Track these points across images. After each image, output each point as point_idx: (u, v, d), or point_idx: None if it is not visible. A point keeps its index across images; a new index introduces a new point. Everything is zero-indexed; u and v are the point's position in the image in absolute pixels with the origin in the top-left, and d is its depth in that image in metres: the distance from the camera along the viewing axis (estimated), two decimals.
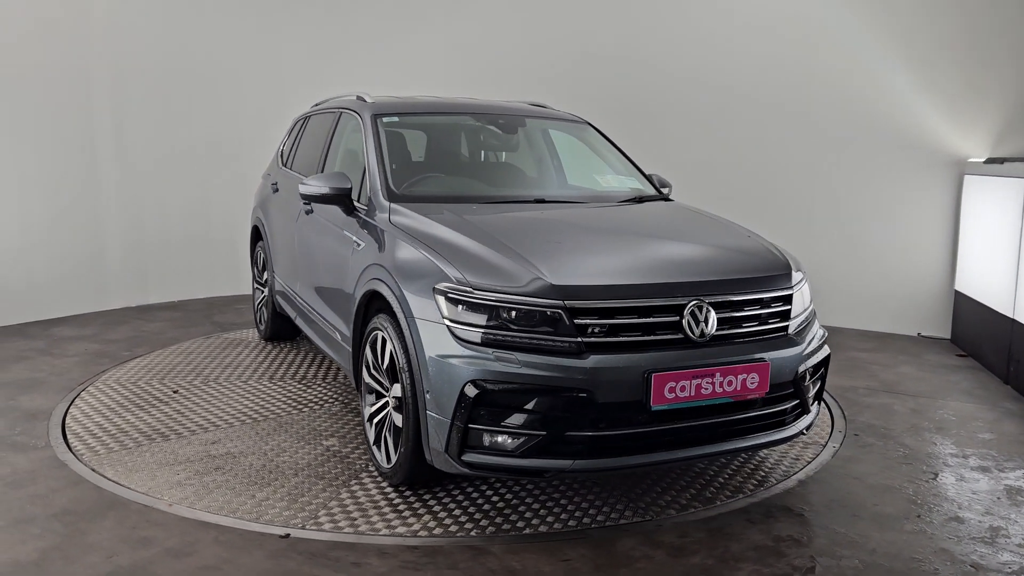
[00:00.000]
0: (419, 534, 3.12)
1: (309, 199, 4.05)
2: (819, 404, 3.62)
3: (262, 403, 4.60)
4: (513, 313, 3.00)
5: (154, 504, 3.31)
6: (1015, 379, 5.09)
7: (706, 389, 3.06)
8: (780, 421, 3.36)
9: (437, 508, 3.33)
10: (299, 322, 5.00)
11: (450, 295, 3.07)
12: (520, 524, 3.22)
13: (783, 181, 6.87)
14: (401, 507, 3.33)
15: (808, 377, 3.43)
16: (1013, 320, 5.12)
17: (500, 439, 2.98)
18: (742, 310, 3.25)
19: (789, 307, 3.40)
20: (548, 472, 3.01)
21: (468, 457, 3.01)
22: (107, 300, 6.97)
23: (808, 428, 3.51)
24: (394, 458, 3.40)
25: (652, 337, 3.07)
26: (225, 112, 7.51)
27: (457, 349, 3.00)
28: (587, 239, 3.66)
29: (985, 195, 5.81)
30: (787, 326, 3.37)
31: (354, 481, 3.57)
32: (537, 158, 4.87)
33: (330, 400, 4.63)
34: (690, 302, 3.12)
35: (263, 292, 5.83)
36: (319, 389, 4.83)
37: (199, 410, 4.49)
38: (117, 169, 6.96)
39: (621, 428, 3.00)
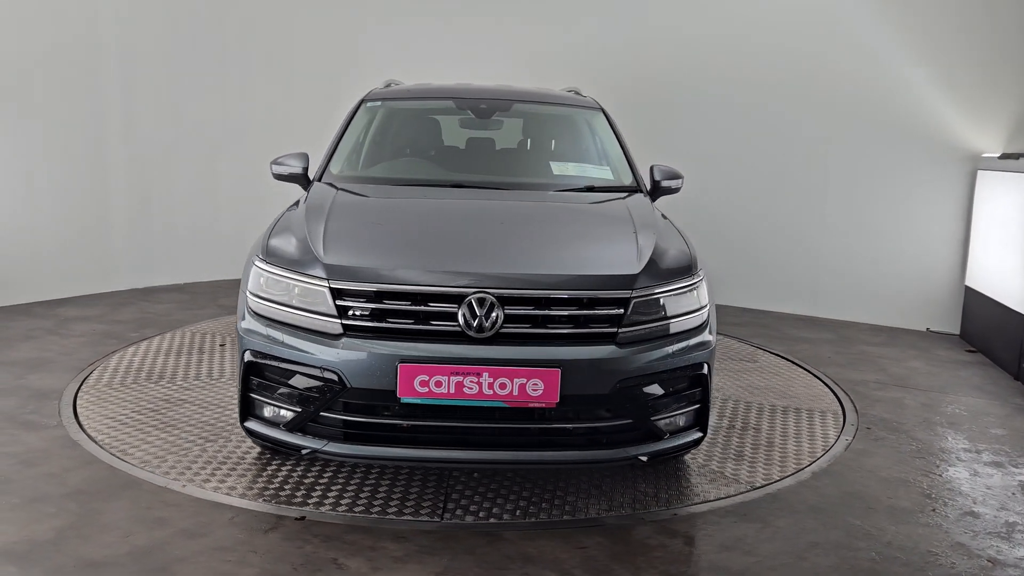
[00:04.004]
0: (431, 519, 3.11)
1: (275, 177, 4.20)
2: (701, 431, 3.21)
3: None
4: (296, 289, 3.06)
5: (168, 485, 3.30)
6: None
7: (470, 389, 2.83)
8: (602, 439, 3.04)
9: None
10: None
11: (255, 268, 3.22)
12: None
13: (794, 173, 6.84)
14: (241, 468, 3.37)
15: (654, 396, 3.06)
16: None
17: (272, 412, 3.08)
18: (548, 309, 2.96)
19: (621, 311, 3.01)
20: (304, 450, 3.02)
21: (249, 424, 3.15)
22: (112, 281, 6.93)
23: (652, 457, 3.08)
24: None
25: (426, 326, 2.93)
26: (233, 93, 7.46)
27: (250, 321, 3.15)
28: (423, 224, 3.55)
29: (999, 190, 5.79)
30: (615, 332, 3.00)
31: (245, 444, 3.71)
32: (520, 144, 4.82)
33: None
34: (471, 294, 2.93)
35: None
36: None
37: (216, 362, 4.78)
38: (124, 149, 6.91)
39: (372, 416, 2.96)
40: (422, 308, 2.94)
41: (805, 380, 5.06)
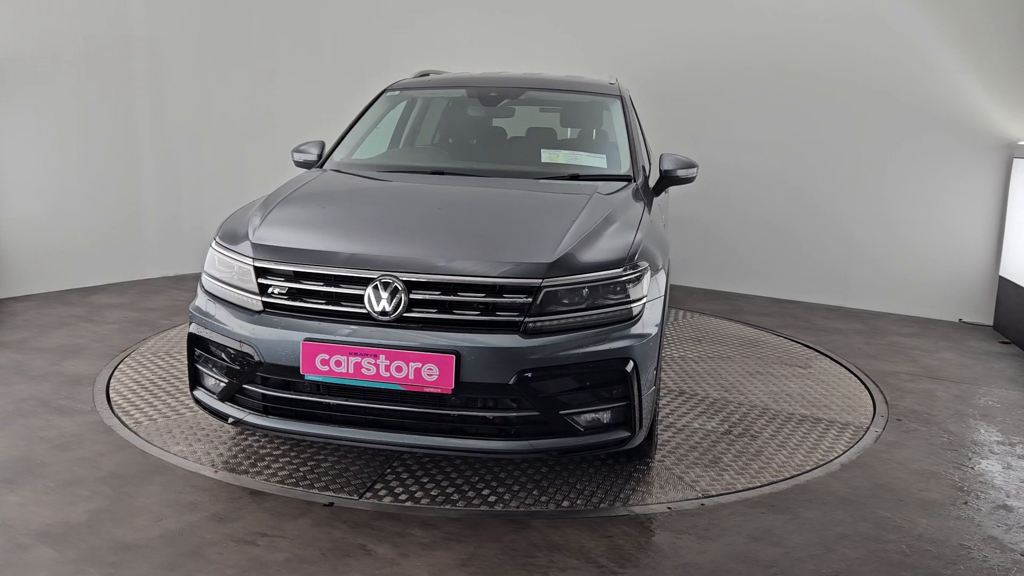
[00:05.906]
0: (459, 505, 3.13)
1: (295, 164, 4.34)
2: (627, 431, 3.04)
3: None
4: (234, 268, 3.20)
5: (199, 470, 3.35)
6: None
7: (368, 370, 2.87)
8: (510, 430, 2.96)
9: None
10: None
11: (211, 248, 3.37)
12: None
13: (825, 162, 6.75)
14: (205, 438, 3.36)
15: (565, 389, 2.95)
16: None
17: (213, 383, 3.23)
18: (454, 295, 2.93)
19: (529, 300, 2.92)
20: (229, 419, 3.17)
21: (196, 393, 3.31)
22: (144, 269, 7.03)
23: (563, 453, 3.03)
24: None
25: (336, 307, 3.01)
26: (262, 84, 7.52)
27: (200, 298, 3.31)
28: (361, 208, 3.65)
29: None
30: (521, 321, 2.91)
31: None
32: (517, 131, 4.80)
33: None
34: (377, 277, 2.96)
35: None
36: None
37: None
38: (155, 139, 6.99)
39: (285, 391, 3.05)
40: (333, 289, 3.02)
41: (850, 390, 4.65)
